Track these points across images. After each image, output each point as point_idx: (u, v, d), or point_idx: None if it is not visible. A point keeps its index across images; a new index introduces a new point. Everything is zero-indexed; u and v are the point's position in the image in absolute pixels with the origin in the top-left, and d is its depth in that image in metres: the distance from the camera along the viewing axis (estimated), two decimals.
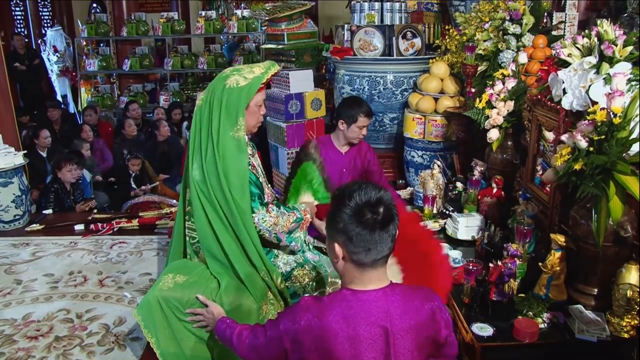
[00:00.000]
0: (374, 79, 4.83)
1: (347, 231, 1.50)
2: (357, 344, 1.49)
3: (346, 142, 3.39)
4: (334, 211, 1.54)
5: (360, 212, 1.49)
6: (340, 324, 1.50)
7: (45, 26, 11.41)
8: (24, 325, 2.96)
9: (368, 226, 1.48)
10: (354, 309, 1.51)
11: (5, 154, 4.18)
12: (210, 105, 2.33)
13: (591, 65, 2.21)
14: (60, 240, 4.00)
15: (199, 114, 2.38)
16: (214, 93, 2.34)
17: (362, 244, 1.49)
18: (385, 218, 1.50)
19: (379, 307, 1.52)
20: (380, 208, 1.50)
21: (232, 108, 2.30)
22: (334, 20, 9.00)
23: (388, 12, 4.95)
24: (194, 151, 2.36)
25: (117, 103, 8.79)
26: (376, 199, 1.50)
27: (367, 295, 1.53)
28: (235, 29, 8.70)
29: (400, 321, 1.52)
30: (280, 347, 1.59)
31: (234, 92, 2.30)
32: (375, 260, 1.52)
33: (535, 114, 2.73)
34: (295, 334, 1.54)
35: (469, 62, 3.74)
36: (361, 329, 1.50)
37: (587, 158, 2.08)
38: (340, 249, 1.54)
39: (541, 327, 2.17)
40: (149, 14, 9.11)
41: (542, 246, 2.56)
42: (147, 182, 5.94)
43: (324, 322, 1.50)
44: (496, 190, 3.10)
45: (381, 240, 1.50)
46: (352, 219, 1.49)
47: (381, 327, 1.50)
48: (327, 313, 1.52)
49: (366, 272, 1.54)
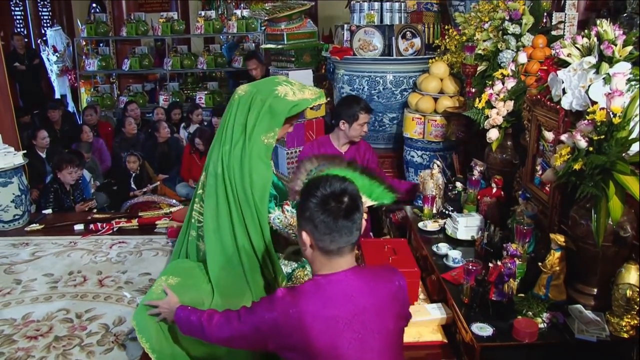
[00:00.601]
0: (374, 79, 4.83)
1: (313, 219, 1.61)
2: (335, 324, 1.58)
3: (346, 141, 3.40)
4: (302, 201, 1.66)
5: (325, 201, 1.60)
6: (316, 306, 1.59)
7: (44, 26, 11.41)
8: (24, 325, 2.96)
9: (332, 214, 1.59)
10: (328, 290, 1.62)
11: (5, 154, 4.18)
12: (252, 101, 2.32)
13: (591, 65, 2.21)
14: (60, 240, 4.00)
15: (238, 103, 2.36)
16: (260, 92, 2.33)
17: (326, 232, 1.60)
18: (349, 207, 1.61)
19: (350, 285, 1.63)
20: (345, 198, 1.61)
21: (274, 116, 2.30)
22: (333, 20, 9.01)
23: (388, 12, 4.95)
24: (224, 135, 2.35)
25: (116, 103, 8.80)
26: (341, 190, 1.62)
27: (337, 276, 1.64)
28: (234, 29, 8.71)
29: (372, 297, 1.63)
30: (258, 333, 1.66)
31: (280, 102, 2.31)
32: (340, 248, 1.62)
33: (535, 113, 2.73)
34: (273, 322, 1.61)
35: (469, 62, 3.74)
36: (337, 309, 1.59)
37: (586, 158, 2.08)
38: (308, 237, 1.64)
39: (541, 327, 2.16)
40: (148, 14, 9.11)
41: (541, 246, 2.56)
42: (146, 182, 5.95)
43: (301, 307, 1.59)
44: (496, 190, 3.09)
45: (345, 228, 1.60)
46: (318, 208, 1.60)
47: (355, 305, 1.61)
48: (302, 298, 1.61)
49: (333, 259, 1.64)
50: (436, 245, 2.92)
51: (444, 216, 3.23)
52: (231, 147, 2.31)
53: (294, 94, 2.35)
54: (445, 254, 2.81)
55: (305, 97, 2.37)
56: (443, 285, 2.56)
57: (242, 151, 2.28)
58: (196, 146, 6.15)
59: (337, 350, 1.58)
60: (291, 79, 2.47)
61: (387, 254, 2.73)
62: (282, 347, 1.64)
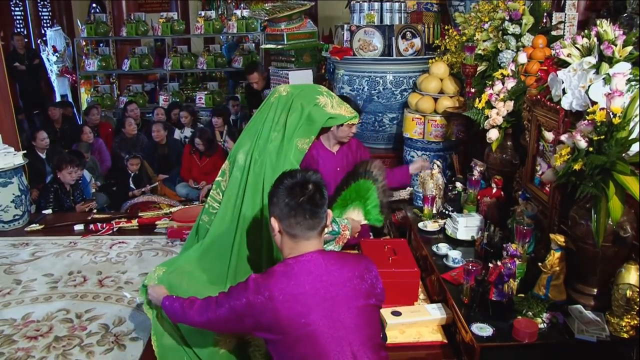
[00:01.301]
0: (374, 79, 4.83)
1: (279, 204, 1.75)
2: (304, 300, 1.68)
3: (336, 141, 3.38)
4: (272, 190, 1.80)
5: (292, 189, 1.75)
6: (285, 285, 1.69)
7: (44, 26, 11.41)
8: (24, 325, 2.96)
9: (295, 197, 1.73)
10: (296, 269, 1.73)
11: (5, 154, 4.18)
12: (292, 104, 2.36)
13: (591, 65, 2.21)
14: (60, 240, 4.00)
15: (278, 102, 2.40)
16: (302, 97, 2.38)
17: (291, 214, 1.73)
18: (312, 193, 1.74)
19: (317, 264, 1.74)
20: (310, 185, 1.75)
21: (312, 123, 2.37)
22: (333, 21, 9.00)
23: (387, 12, 4.95)
24: (261, 129, 2.37)
25: (116, 103, 8.80)
26: (305, 178, 1.77)
27: (305, 257, 1.75)
28: (234, 29, 8.71)
29: (339, 275, 1.74)
30: (233, 313, 1.76)
31: (320, 112, 2.38)
32: (305, 232, 1.75)
33: (535, 114, 2.73)
34: (246, 301, 1.71)
35: (469, 62, 3.74)
36: (305, 286, 1.69)
37: (586, 158, 2.08)
38: (276, 222, 1.78)
39: (541, 327, 2.16)
40: (148, 14, 9.11)
41: (541, 246, 2.56)
42: (146, 182, 5.94)
43: (271, 286, 1.69)
44: (496, 190, 3.09)
45: (310, 212, 1.73)
46: (285, 193, 1.74)
47: (323, 282, 1.71)
48: (272, 278, 1.72)
49: (299, 242, 1.76)
50: (436, 245, 2.92)
51: (444, 216, 3.23)
52: (267, 142, 2.33)
53: (332, 107, 2.42)
54: (445, 254, 2.81)
55: (342, 113, 2.46)
56: (443, 286, 2.56)
57: (279, 150, 2.32)
58: (196, 146, 6.15)
59: (309, 327, 1.67)
60: (332, 92, 2.54)
61: (386, 254, 2.73)
62: (257, 327, 1.73)
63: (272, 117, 2.37)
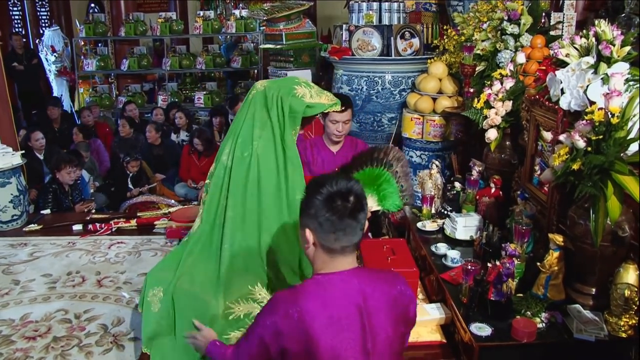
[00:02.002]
0: (372, 79, 4.84)
1: (318, 217, 1.58)
2: (335, 324, 1.56)
3: (332, 141, 3.35)
4: (306, 199, 1.63)
5: (331, 199, 1.57)
6: (317, 306, 1.56)
7: (43, 26, 11.40)
8: (22, 325, 2.95)
9: (338, 212, 1.57)
10: (329, 290, 1.59)
11: (3, 154, 4.17)
12: (270, 97, 2.34)
13: (589, 65, 2.22)
14: (59, 240, 3.99)
15: (257, 97, 2.38)
16: (279, 90, 2.35)
17: (331, 230, 1.58)
18: (355, 207, 1.58)
19: (351, 286, 1.60)
20: (351, 197, 1.58)
21: (295, 114, 2.33)
22: (332, 20, 9.01)
23: (386, 12, 4.96)
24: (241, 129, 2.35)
25: (115, 103, 8.80)
26: (347, 188, 1.59)
27: (339, 275, 1.62)
28: (233, 29, 8.71)
29: (372, 299, 1.60)
30: (262, 344, 1.62)
31: (298, 102, 2.34)
32: (344, 247, 1.60)
33: (533, 114, 2.73)
34: (274, 325, 1.58)
35: (467, 62, 3.74)
36: (337, 309, 1.57)
37: (585, 158, 2.08)
38: (311, 235, 1.62)
39: (539, 326, 2.17)
40: (147, 14, 9.11)
41: (540, 246, 2.56)
42: (144, 182, 5.94)
43: (301, 306, 1.56)
44: (494, 190, 3.10)
45: (350, 227, 1.58)
46: (323, 205, 1.58)
47: (356, 306, 1.58)
48: (302, 298, 1.58)
49: (335, 258, 1.62)
50: (435, 245, 2.92)
51: (443, 216, 3.24)
52: (250, 140, 2.30)
53: (310, 96, 2.37)
54: (444, 254, 2.81)
55: (321, 102, 2.41)
56: (442, 285, 2.56)
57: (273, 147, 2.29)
58: (195, 146, 6.14)
59: (335, 351, 1.56)
60: (311, 82, 2.49)
61: (385, 254, 2.73)
62: (284, 353, 1.60)
63: (252, 114, 2.35)
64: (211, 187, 2.38)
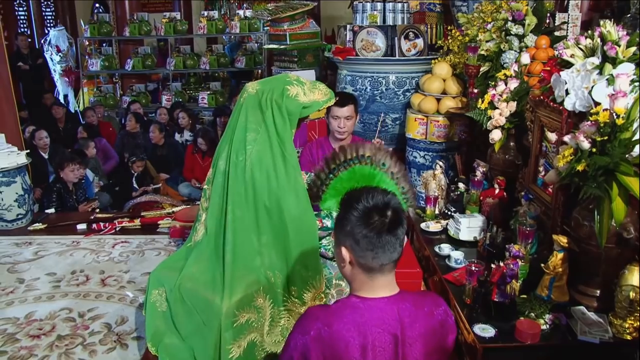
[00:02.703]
0: (376, 79, 4.83)
1: (354, 234, 1.49)
2: (367, 352, 1.48)
3: (336, 139, 3.33)
4: (341, 215, 1.54)
5: (368, 215, 1.48)
6: (351, 332, 1.48)
7: (48, 26, 11.43)
8: (27, 324, 2.96)
9: (375, 229, 1.47)
10: (365, 316, 1.50)
11: (8, 153, 4.19)
12: (263, 100, 2.31)
13: (594, 66, 2.21)
14: (63, 239, 4.01)
15: (248, 101, 2.34)
16: (271, 92, 2.32)
17: (369, 248, 1.48)
18: (393, 221, 1.49)
19: (390, 315, 1.51)
20: (389, 211, 1.49)
21: (292, 116, 2.32)
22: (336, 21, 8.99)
23: (390, 13, 4.95)
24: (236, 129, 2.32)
25: (119, 103, 8.82)
26: (384, 203, 1.50)
27: (378, 302, 1.52)
28: (237, 29, 8.72)
29: (410, 329, 1.51)
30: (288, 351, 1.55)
31: (293, 103, 2.31)
32: (382, 265, 1.51)
33: (538, 114, 2.73)
34: (304, 347, 1.50)
35: (472, 62, 3.73)
36: (372, 337, 1.48)
37: (589, 159, 2.07)
38: (348, 253, 1.53)
39: (543, 328, 2.16)
40: (151, 14, 9.14)
41: (544, 247, 2.56)
42: (148, 182, 5.95)
43: (334, 330, 1.48)
44: (498, 191, 3.09)
45: (389, 243, 1.49)
46: (360, 222, 1.48)
47: (392, 335, 1.50)
48: (337, 321, 1.50)
49: (375, 277, 1.52)
50: (438, 246, 2.92)
51: (447, 217, 3.23)
52: (244, 144, 2.28)
53: (304, 94, 2.34)
54: (447, 254, 2.81)
55: (315, 99, 2.37)
56: (445, 286, 2.55)
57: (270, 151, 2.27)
58: (199, 146, 6.15)
59: None
60: (302, 78, 2.44)
61: None
62: None
63: (244, 118, 2.31)
64: (212, 193, 2.38)
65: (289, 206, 2.25)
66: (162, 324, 2.39)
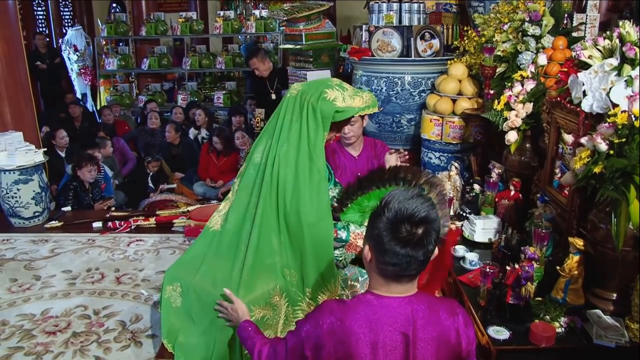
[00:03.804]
0: (392, 79, 4.82)
1: (379, 240, 1.45)
2: (378, 350, 1.47)
3: (347, 143, 3.27)
4: (375, 213, 1.49)
5: (398, 225, 1.42)
6: (363, 328, 1.47)
7: (65, 25, 11.54)
8: (43, 320, 3.00)
9: (401, 242, 1.42)
10: (378, 314, 1.49)
11: (26, 152, 4.24)
12: (302, 102, 2.30)
13: (612, 67, 2.18)
14: (79, 237, 4.05)
15: (287, 103, 2.35)
16: (310, 94, 2.30)
17: (389, 258, 1.45)
18: (421, 239, 1.43)
19: (403, 314, 1.49)
20: (420, 228, 1.42)
21: (325, 119, 2.28)
22: (352, 21, 8.99)
23: (406, 13, 4.93)
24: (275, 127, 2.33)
25: (135, 102, 8.88)
26: (419, 218, 1.42)
27: (392, 301, 1.50)
28: (253, 29, 8.74)
29: (423, 331, 1.49)
30: (301, 356, 1.55)
31: (328, 105, 2.27)
32: (399, 276, 1.48)
33: (554, 116, 2.71)
34: (317, 339, 1.50)
35: (488, 63, 3.71)
36: (383, 335, 1.47)
37: (607, 161, 2.05)
38: (370, 253, 1.50)
39: (558, 331, 2.14)
40: (167, 13, 9.19)
41: (559, 250, 2.54)
42: (164, 181, 5.99)
43: (347, 325, 1.48)
44: (514, 192, 3.07)
45: (410, 259, 1.44)
46: (388, 230, 1.43)
47: (403, 335, 1.48)
48: (350, 316, 1.49)
49: (390, 284, 1.50)
50: (453, 247, 2.91)
51: (462, 218, 3.22)
52: (278, 144, 2.29)
53: (343, 100, 2.29)
54: (462, 256, 2.80)
55: (352, 105, 2.31)
56: (460, 288, 2.54)
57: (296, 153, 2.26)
58: (214, 145, 6.18)
59: None
60: (345, 84, 2.40)
61: None
62: None
63: (283, 117, 2.33)
64: (239, 186, 2.39)
65: (307, 210, 2.23)
66: (176, 321, 2.40)
